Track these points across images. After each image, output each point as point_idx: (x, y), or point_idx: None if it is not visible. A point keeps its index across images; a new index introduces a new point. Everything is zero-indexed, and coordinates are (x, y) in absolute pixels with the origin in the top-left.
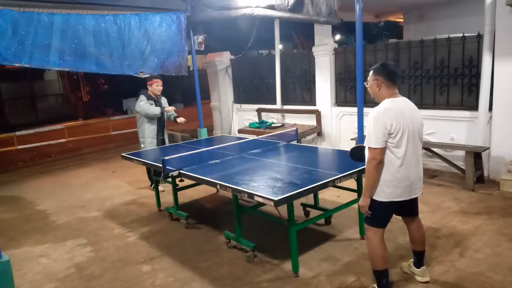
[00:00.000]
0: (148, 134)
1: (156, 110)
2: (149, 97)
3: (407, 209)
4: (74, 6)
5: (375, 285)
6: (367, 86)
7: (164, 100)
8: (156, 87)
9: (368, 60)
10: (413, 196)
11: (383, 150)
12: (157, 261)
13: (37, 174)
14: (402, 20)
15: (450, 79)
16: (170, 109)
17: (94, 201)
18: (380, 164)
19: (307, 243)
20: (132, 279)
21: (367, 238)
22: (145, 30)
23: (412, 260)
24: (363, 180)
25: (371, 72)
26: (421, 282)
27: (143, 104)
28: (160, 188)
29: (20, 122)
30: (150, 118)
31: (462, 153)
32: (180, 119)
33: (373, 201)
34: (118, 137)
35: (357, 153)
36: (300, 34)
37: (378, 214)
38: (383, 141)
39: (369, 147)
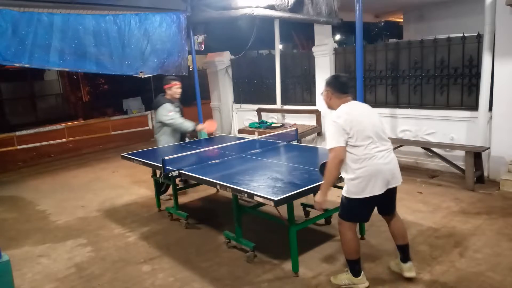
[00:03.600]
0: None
1: (189, 126)
2: (171, 101)
3: (385, 206)
4: (74, 6)
5: (348, 269)
6: (322, 96)
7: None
8: (176, 89)
9: (368, 60)
10: (390, 187)
11: (343, 148)
12: (157, 261)
13: (37, 174)
14: (402, 20)
15: (450, 79)
16: (202, 127)
17: (94, 201)
18: (341, 162)
19: (307, 243)
20: (132, 279)
21: (340, 232)
22: (145, 30)
23: (399, 257)
24: (324, 177)
25: (324, 83)
26: (408, 277)
27: (174, 116)
28: (167, 196)
29: (20, 122)
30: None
31: (462, 153)
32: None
33: (350, 200)
34: (118, 137)
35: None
36: (300, 34)
37: (355, 211)
38: (342, 140)
39: (329, 149)
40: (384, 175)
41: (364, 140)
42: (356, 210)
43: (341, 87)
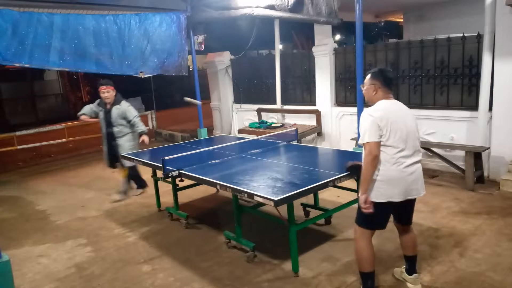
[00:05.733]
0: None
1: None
2: (100, 103)
3: (403, 215)
4: (74, 6)
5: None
6: (363, 89)
7: (116, 110)
8: (101, 94)
9: (368, 60)
10: (410, 197)
11: (378, 144)
12: (157, 261)
13: (37, 174)
14: (402, 20)
15: (450, 79)
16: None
17: (94, 201)
18: (376, 158)
19: (307, 243)
20: (132, 279)
21: (355, 239)
22: (145, 30)
23: (405, 266)
24: (361, 175)
25: (368, 76)
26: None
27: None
28: (117, 197)
29: (20, 122)
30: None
31: (462, 153)
32: (144, 138)
33: None
34: None
35: (354, 171)
36: (300, 34)
37: (370, 215)
38: (377, 135)
39: (364, 143)
40: (405, 184)
41: (395, 142)
42: (372, 214)
43: (388, 82)
